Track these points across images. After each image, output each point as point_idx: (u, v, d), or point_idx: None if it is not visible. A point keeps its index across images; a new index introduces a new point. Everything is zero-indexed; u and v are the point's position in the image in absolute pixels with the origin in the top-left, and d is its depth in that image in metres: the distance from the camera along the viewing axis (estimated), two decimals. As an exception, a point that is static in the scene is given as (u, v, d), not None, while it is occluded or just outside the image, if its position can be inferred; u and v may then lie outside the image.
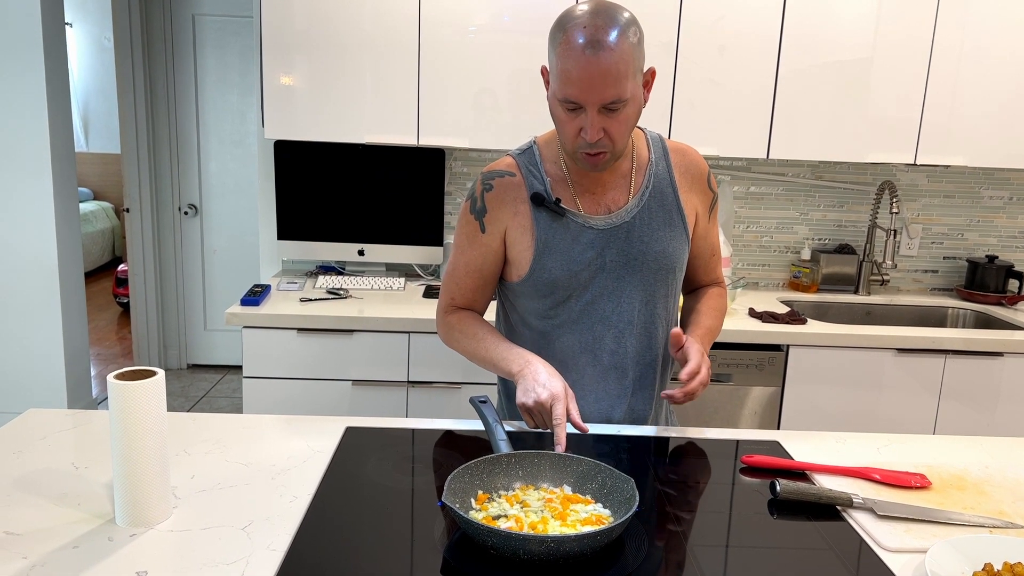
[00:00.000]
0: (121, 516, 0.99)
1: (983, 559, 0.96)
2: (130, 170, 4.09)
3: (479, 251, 1.41)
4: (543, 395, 1.26)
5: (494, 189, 1.39)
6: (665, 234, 1.39)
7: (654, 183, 1.40)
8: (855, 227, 2.97)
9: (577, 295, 1.38)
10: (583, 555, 0.92)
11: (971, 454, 1.35)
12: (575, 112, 1.25)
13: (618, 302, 1.39)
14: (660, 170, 1.41)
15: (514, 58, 2.46)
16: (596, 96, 1.21)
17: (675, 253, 1.40)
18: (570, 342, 1.41)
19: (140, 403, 0.96)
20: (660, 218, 1.39)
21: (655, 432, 1.37)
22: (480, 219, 1.40)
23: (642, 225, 1.38)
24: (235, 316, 2.27)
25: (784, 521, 1.07)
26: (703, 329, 1.44)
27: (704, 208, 1.46)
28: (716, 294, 1.54)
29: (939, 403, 2.41)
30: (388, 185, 2.72)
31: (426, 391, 2.36)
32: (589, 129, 1.24)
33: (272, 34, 2.43)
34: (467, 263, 1.43)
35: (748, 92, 2.51)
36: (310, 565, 0.92)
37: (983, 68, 2.51)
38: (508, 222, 1.39)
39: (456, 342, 1.46)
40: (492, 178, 1.40)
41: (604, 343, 1.40)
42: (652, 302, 1.41)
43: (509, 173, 1.40)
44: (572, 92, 1.22)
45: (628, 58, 1.20)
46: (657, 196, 1.39)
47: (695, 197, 1.44)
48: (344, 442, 1.26)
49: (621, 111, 1.24)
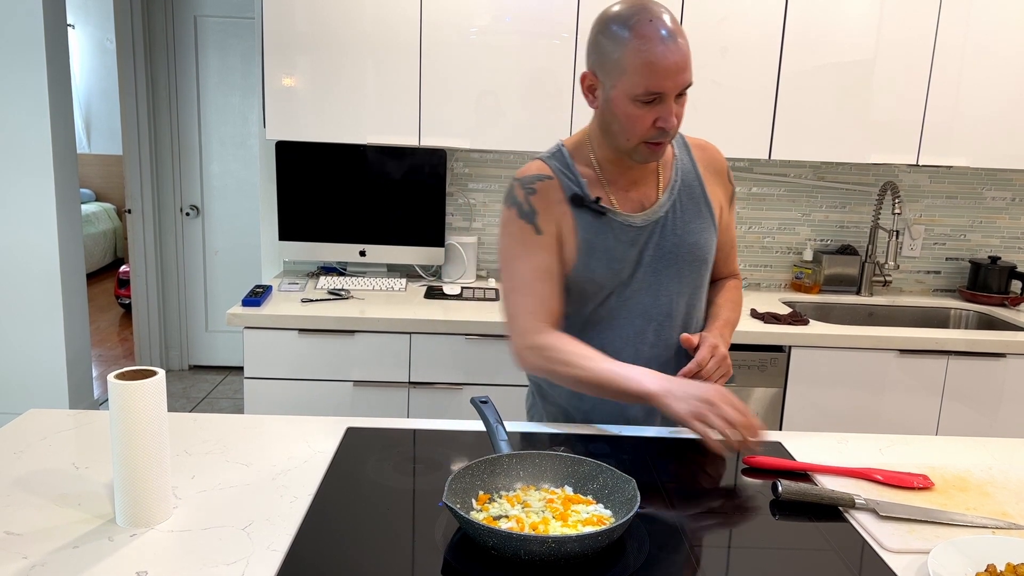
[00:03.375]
0: (121, 516, 0.99)
1: (986, 560, 0.95)
2: (132, 171, 4.09)
3: (542, 254, 1.36)
4: (713, 395, 1.20)
5: (537, 193, 1.37)
6: (697, 226, 1.41)
7: (682, 176, 1.42)
8: (857, 228, 2.96)
9: (618, 291, 1.39)
10: (584, 556, 0.92)
11: (974, 455, 1.34)
12: (651, 104, 1.25)
13: (656, 295, 1.40)
14: (685, 165, 1.43)
15: (516, 59, 2.46)
16: (679, 82, 1.24)
17: (707, 244, 1.43)
18: (611, 337, 1.41)
19: (140, 403, 0.96)
20: (691, 211, 1.41)
21: (656, 432, 1.37)
22: (533, 222, 1.36)
23: (675, 219, 1.40)
24: (236, 317, 2.27)
25: (786, 522, 1.07)
26: (721, 321, 1.46)
27: (726, 201, 1.49)
28: (733, 286, 1.56)
29: (942, 404, 2.40)
30: (389, 186, 2.72)
31: (427, 392, 2.36)
32: (670, 117, 1.26)
33: (273, 35, 2.43)
34: (534, 268, 1.35)
35: (750, 93, 2.50)
36: (310, 565, 0.92)
37: (985, 68, 2.51)
38: (559, 222, 1.38)
39: (554, 365, 1.31)
40: (532, 182, 1.38)
41: (646, 336, 1.41)
42: (687, 293, 1.43)
43: (547, 176, 1.38)
44: (657, 83, 1.22)
45: (687, 41, 1.25)
46: (686, 190, 1.42)
47: (718, 190, 1.47)
48: (345, 442, 1.26)
49: (685, 95, 1.28)
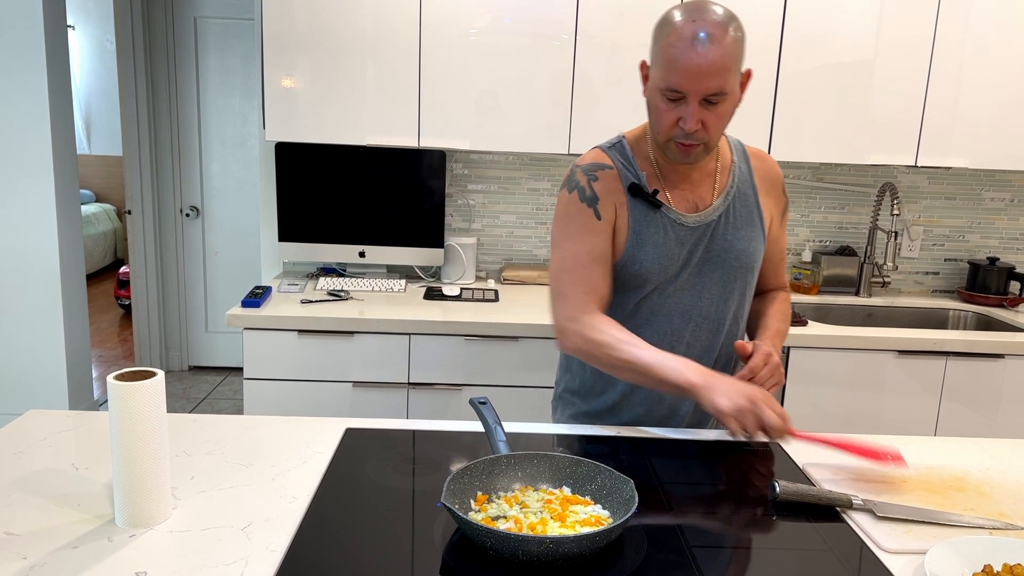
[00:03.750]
0: (121, 517, 0.99)
1: (983, 560, 0.96)
2: (132, 172, 4.10)
3: (599, 237, 1.37)
4: (758, 395, 1.21)
5: (600, 180, 1.39)
6: (747, 234, 1.42)
7: (738, 184, 1.43)
8: (856, 229, 2.97)
9: (661, 288, 1.40)
10: (582, 556, 0.92)
11: (972, 456, 1.35)
12: (676, 102, 1.26)
13: (698, 297, 1.41)
14: (742, 172, 1.44)
15: (515, 60, 2.46)
16: (700, 86, 1.23)
17: (755, 253, 1.43)
18: (649, 332, 1.42)
19: (140, 404, 0.96)
20: (743, 218, 1.42)
21: (655, 433, 1.37)
22: (594, 207, 1.38)
23: (726, 224, 1.41)
24: (236, 318, 2.27)
25: (784, 522, 1.07)
26: (772, 331, 1.46)
27: (778, 212, 1.50)
28: (782, 298, 1.56)
29: (940, 405, 2.41)
30: (389, 187, 2.72)
31: (426, 392, 2.36)
32: (689, 119, 1.25)
33: (273, 36, 2.44)
34: (591, 250, 1.37)
35: (749, 94, 2.51)
36: (309, 566, 0.92)
37: (984, 70, 2.51)
38: (615, 212, 1.39)
39: (595, 347, 1.32)
40: (595, 169, 1.40)
41: (682, 336, 1.42)
42: (729, 299, 1.43)
43: (607, 165, 1.40)
44: (677, 81, 1.23)
45: (731, 52, 1.22)
46: (741, 197, 1.43)
47: (771, 201, 1.48)
48: (344, 443, 1.27)
49: (719, 104, 1.26)
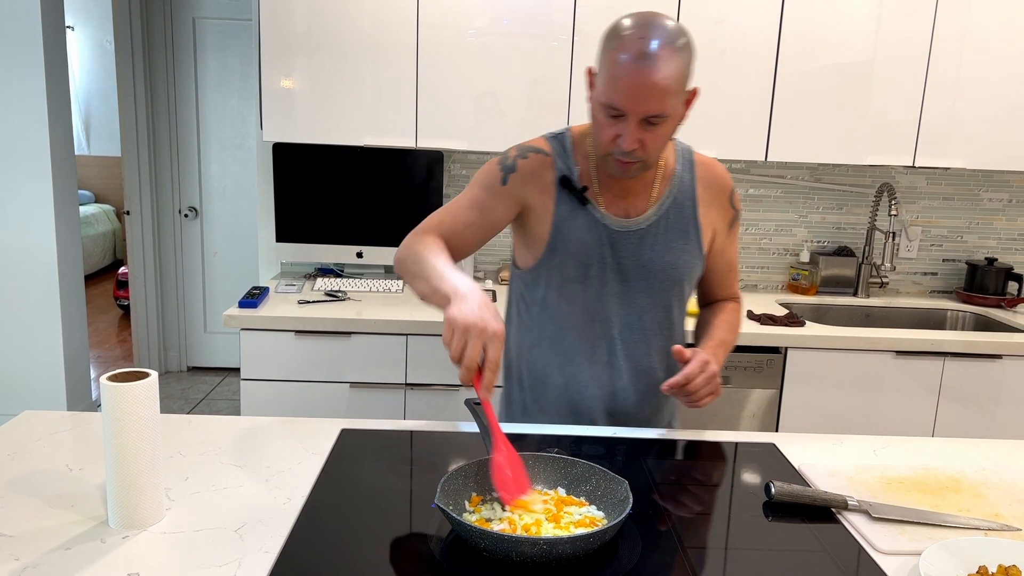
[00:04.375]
0: (114, 518, 0.99)
1: (977, 562, 0.95)
2: (130, 173, 4.09)
3: (491, 196, 1.39)
4: (492, 326, 1.07)
5: (529, 160, 1.39)
6: (678, 246, 1.40)
7: (676, 194, 1.41)
8: (854, 229, 2.97)
9: (585, 291, 1.39)
10: (576, 557, 0.92)
11: (968, 456, 1.35)
12: (616, 119, 1.25)
13: (621, 305, 1.40)
14: (684, 182, 1.42)
15: (513, 61, 2.46)
16: (640, 107, 1.21)
17: (685, 266, 1.41)
18: (571, 336, 1.42)
19: (133, 404, 0.96)
20: (676, 230, 1.40)
21: (650, 434, 1.37)
22: (506, 173, 1.39)
23: (656, 234, 1.39)
24: (233, 318, 2.27)
25: (779, 523, 1.07)
26: (715, 341, 1.43)
27: (723, 224, 1.47)
28: (731, 308, 1.53)
29: (938, 406, 2.40)
30: (386, 187, 2.72)
31: (424, 393, 2.36)
32: (627, 138, 1.24)
33: (271, 37, 2.43)
34: (473, 199, 1.39)
35: (747, 94, 2.51)
36: (302, 567, 0.92)
37: (982, 70, 2.51)
38: (532, 200, 1.39)
39: (411, 254, 1.31)
40: (529, 151, 1.41)
41: (603, 343, 1.41)
42: (655, 311, 1.42)
43: (544, 152, 1.40)
44: (617, 99, 1.22)
45: (675, 75, 1.20)
46: (676, 208, 1.40)
47: (715, 212, 1.44)
48: (339, 444, 1.26)
49: (660, 125, 1.24)
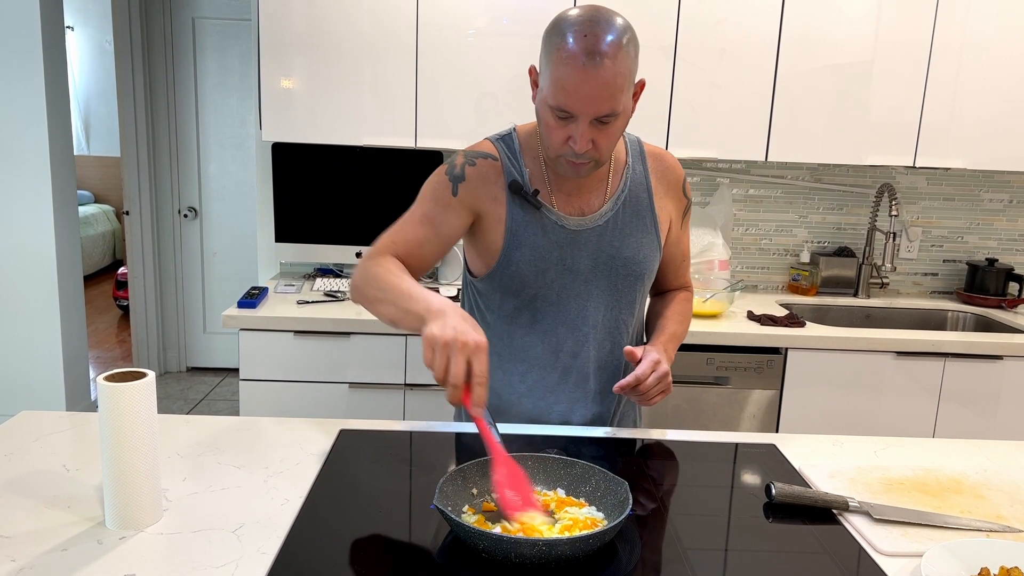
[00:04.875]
0: (111, 519, 0.98)
1: (979, 563, 0.95)
2: (130, 173, 4.09)
3: (442, 209, 1.34)
4: (473, 338, 1.05)
5: (477, 167, 1.35)
6: (637, 240, 1.37)
7: (630, 187, 1.38)
8: (854, 230, 2.96)
9: (543, 295, 1.36)
10: (575, 559, 0.92)
11: (969, 458, 1.34)
12: (565, 120, 1.21)
13: (583, 305, 1.37)
14: (636, 174, 1.39)
15: (513, 61, 2.46)
16: (591, 108, 1.17)
17: (645, 260, 1.38)
18: (532, 342, 1.39)
19: (130, 405, 0.95)
20: (633, 223, 1.37)
21: (650, 435, 1.37)
22: (455, 183, 1.34)
23: (614, 229, 1.36)
24: (232, 319, 2.27)
25: (780, 524, 1.06)
26: (667, 335, 1.41)
27: (677, 214, 1.45)
28: (683, 298, 1.52)
29: (938, 407, 2.40)
30: (386, 187, 2.72)
31: (423, 394, 2.36)
32: (579, 139, 1.20)
33: (270, 37, 2.43)
34: (424, 214, 1.34)
35: (747, 94, 2.50)
36: (300, 568, 0.91)
37: (983, 70, 2.50)
38: (484, 207, 1.34)
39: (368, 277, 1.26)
40: (476, 157, 1.35)
41: (566, 346, 1.38)
42: (618, 308, 1.39)
43: (492, 156, 1.36)
44: (566, 102, 1.17)
45: (625, 72, 1.16)
46: (632, 201, 1.38)
47: (669, 203, 1.42)
48: (337, 445, 1.26)
49: (611, 123, 1.21)
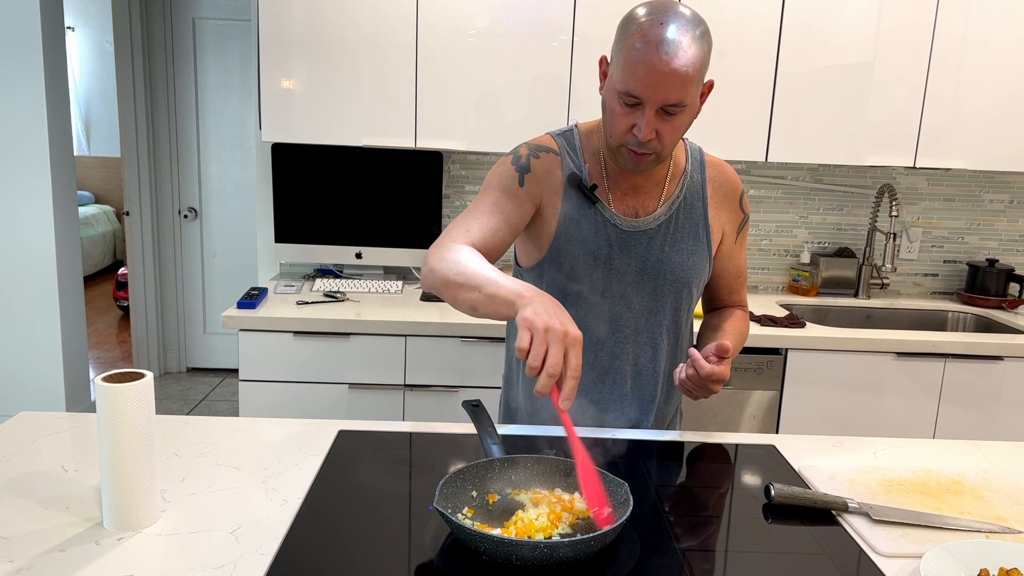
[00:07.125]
0: (109, 520, 0.98)
1: (979, 564, 0.95)
2: (130, 173, 4.09)
3: (510, 198, 1.32)
4: (572, 330, 1.00)
5: (541, 159, 1.36)
6: (687, 247, 1.37)
7: (686, 194, 1.37)
8: (855, 230, 2.96)
9: (588, 292, 1.36)
10: (576, 560, 0.91)
11: (969, 459, 1.34)
12: (632, 107, 1.21)
13: (627, 307, 1.37)
14: (694, 182, 1.39)
15: (513, 61, 2.46)
16: (659, 95, 1.18)
17: (693, 268, 1.37)
18: None
19: (127, 405, 0.95)
20: (685, 230, 1.37)
21: (650, 436, 1.36)
22: (522, 174, 1.34)
23: (665, 235, 1.36)
24: (231, 319, 2.27)
25: (779, 525, 1.06)
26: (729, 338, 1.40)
27: (732, 227, 1.43)
28: (740, 316, 1.50)
29: (939, 407, 2.40)
30: (386, 188, 2.71)
31: (423, 394, 2.35)
32: (644, 127, 1.21)
33: (270, 37, 2.43)
34: (494, 203, 1.31)
35: (747, 95, 2.50)
36: (298, 570, 0.91)
37: (983, 71, 2.50)
38: (545, 199, 1.35)
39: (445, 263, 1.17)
40: (540, 150, 1.37)
41: (605, 347, 1.38)
42: (661, 313, 1.38)
43: (553, 151, 1.37)
44: (636, 87, 1.18)
45: (696, 63, 1.17)
46: (686, 208, 1.37)
47: (724, 215, 1.41)
48: (337, 445, 1.26)
49: (678, 115, 1.21)
